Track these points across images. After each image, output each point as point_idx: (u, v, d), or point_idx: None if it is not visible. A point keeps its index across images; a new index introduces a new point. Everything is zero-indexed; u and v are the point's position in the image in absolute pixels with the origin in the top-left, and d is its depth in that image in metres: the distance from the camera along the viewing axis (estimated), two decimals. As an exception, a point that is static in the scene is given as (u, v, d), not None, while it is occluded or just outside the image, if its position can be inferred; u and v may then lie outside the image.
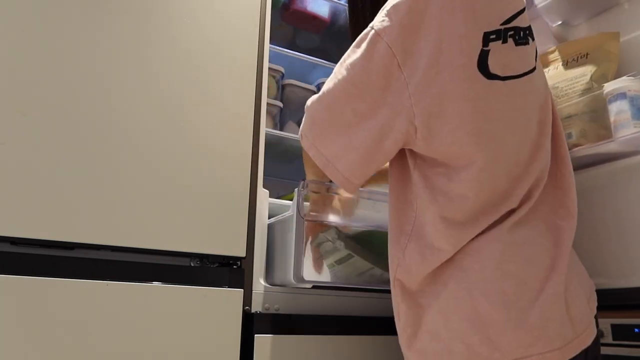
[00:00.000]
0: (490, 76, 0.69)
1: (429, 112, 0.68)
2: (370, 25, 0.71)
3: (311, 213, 1.00)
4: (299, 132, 0.80)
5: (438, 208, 0.71)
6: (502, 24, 0.71)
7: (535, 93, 0.76)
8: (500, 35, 0.70)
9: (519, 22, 0.72)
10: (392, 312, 0.80)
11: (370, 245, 1.10)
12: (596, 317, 0.75)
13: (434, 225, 0.71)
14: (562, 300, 0.68)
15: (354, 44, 0.74)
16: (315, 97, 0.78)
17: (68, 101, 0.94)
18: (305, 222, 1.02)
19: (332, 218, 1.08)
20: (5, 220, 0.84)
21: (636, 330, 0.93)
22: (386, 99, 0.70)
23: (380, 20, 0.70)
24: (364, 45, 0.71)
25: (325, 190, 1.08)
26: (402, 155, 0.77)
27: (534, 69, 0.75)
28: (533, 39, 0.77)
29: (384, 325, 1.12)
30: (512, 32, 0.71)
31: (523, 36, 0.73)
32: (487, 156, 0.70)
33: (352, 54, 0.73)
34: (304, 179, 1.05)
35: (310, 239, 1.01)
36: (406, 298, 0.74)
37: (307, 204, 1.02)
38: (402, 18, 0.68)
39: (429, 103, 0.68)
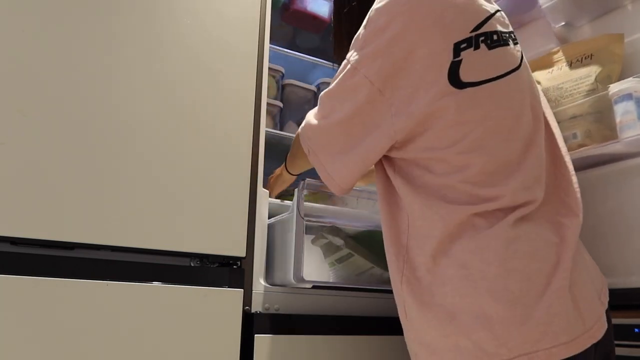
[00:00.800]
0: (462, 85, 0.72)
1: (409, 128, 0.74)
2: (347, 58, 0.78)
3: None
4: (305, 146, 0.87)
5: (421, 199, 0.75)
6: (471, 32, 0.73)
7: (524, 91, 0.78)
8: (471, 42, 0.73)
9: (488, 27, 0.75)
10: (393, 312, 0.80)
11: (370, 245, 1.11)
12: (608, 312, 0.75)
13: (423, 217, 0.75)
14: (567, 295, 0.69)
15: (338, 71, 0.80)
16: (314, 119, 0.85)
17: (68, 101, 0.94)
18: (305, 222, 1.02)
19: (333, 219, 1.09)
20: (5, 220, 0.84)
21: (636, 330, 0.93)
22: (374, 120, 0.76)
23: (354, 53, 0.77)
24: (346, 80, 0.78)
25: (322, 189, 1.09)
26: (381, 162, 0.83)
27: (518, 67, 0.77)
28: (514, 41, 0.79)
29: (384, 325, 1.12)
30: (483, 38, 0.74)
31: (497, 39, 0.75)
32: (468, 159, 0.73)
33: (339, 84, 0.79)
34: (304, 179, 1.05)
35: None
36: (415, 295, 0.75)
37: (307, 204, 1.03)
38: (373, 48, 0.74)
39: (408, 120, 0.73)
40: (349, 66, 0.77)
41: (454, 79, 0.71)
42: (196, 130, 1.04)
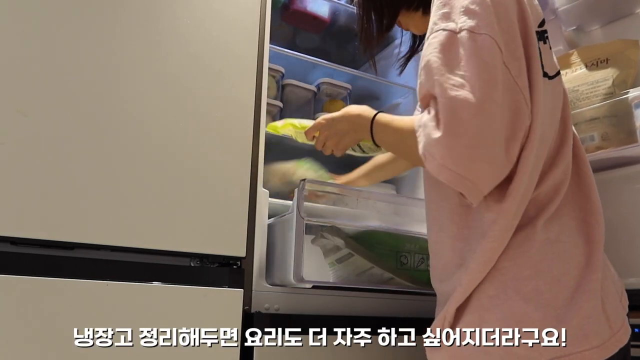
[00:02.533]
0: (544, 73, 0.71)
1: (531, 103, 0.67)
2: (448, 29, 0.64)
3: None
4: (429, 161, 0.65)
5: (510, 215, 0.69)
6: (539, 26, 0.73)
7: (562, 93, 0.79)
8: (540, 36, 0.73)
9: (545, 27, 0.76)
10: (393, 312, 0.79)
11: (371, 245, 1.10)
12: (628, 316, 0.75)
13: (505, 236, 0.69)
14: (598, 298, 0.68)
15: (440, 46, 0.64)
16: (432, 121, 0.63)
17: (68, 101, 0.93)
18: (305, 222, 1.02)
19: (333, 217, 1.08)
20: (5, 220, 0.84)
21: (636, 330, 0.93)
22: (508, 97, 0.64)
23: (462, 20, 0.64)
24: (462, 50, 0.62)
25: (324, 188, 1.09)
26: None
27: (559, 71, 0.78)
28: None
29: (385, 325, 1.12)
30: (546, 35, 0.74)
31: (549, 40, 0.76)
32: (542, 155, 0.72)
33: (451, 68, 0.63)
34: (303, 179, 1.05)
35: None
36: (459, 317, 0.73)
37: (307, 204, 1.03)
38: (490, 9, 0.64)
39: (528, 95, 0.66)
40: (463, 33, 0.63)
41: (541, 63, 0.70)
42: (196, 130, 1.04)
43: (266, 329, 0.99)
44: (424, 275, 1.04)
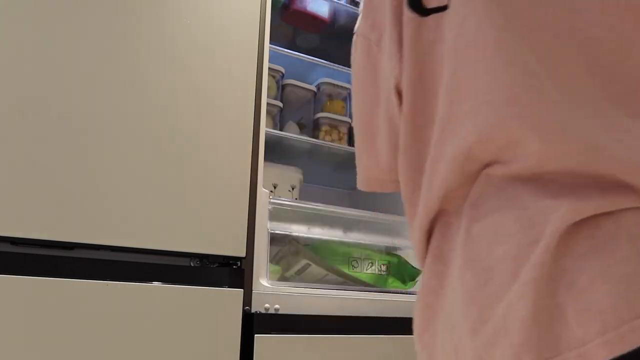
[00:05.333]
0: (424, 10, 0.60)
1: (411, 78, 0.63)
2: None
3: None
4: None
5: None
6: None
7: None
8: None
9: None
10: (393, 312, 0.79)
11: (325, 253, 1.22)
12: None
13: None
14: None
15: None
16: None
17: (68, 101, 0.94)
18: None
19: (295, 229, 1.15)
20: (5, 220, 0.84)
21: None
22: (379, 87, 0.66)
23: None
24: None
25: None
26: None
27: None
28: None
29: (385, 325, 1.12)
30: None
31: None
32: None
33: None
34: (271, 190, 1.09)
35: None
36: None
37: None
38: (362, 8, 0.69)
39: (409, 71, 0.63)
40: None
41: (415, 3, 0.62)
42: (196, 130, 1.04)
43: (266, 329, 0.99)
44: (371, 278, 1.28)
